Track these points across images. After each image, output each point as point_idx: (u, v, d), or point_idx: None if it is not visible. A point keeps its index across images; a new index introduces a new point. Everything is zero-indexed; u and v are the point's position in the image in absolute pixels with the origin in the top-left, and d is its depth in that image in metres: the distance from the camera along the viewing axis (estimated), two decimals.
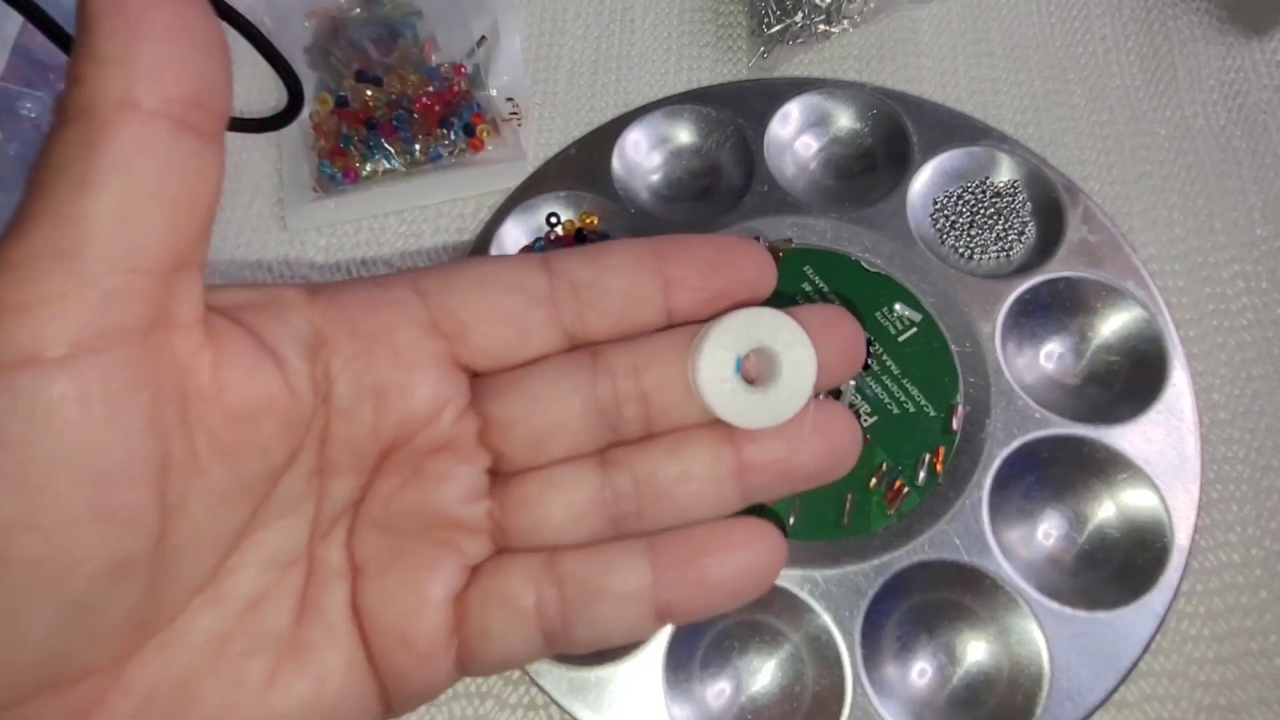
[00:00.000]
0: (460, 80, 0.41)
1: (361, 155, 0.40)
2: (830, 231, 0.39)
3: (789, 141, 0.42)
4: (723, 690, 0.32)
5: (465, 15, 0.42)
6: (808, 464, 0.21)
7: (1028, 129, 0.42)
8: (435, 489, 0.19)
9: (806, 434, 0.20)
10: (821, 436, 0.21)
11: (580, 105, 0.43)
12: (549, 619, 0.19)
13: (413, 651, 0.19)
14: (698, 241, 0.21)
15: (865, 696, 0.31)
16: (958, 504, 0.34)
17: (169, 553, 0.17)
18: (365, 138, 0.40)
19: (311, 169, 0.40)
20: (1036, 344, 0.38)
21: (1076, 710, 0.31)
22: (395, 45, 0.42)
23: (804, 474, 0.21)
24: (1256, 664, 0.33)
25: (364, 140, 0.40)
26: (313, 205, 0.40)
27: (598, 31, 0.45)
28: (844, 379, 0.22)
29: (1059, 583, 0.33)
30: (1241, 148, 0.42)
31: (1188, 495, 0.34)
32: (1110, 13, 0.45)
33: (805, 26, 0.43)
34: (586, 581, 0.19)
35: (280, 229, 0.40)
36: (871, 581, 0.32)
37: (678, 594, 0.19)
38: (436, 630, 0.19)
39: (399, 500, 0.19)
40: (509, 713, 0.33)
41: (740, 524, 0.20)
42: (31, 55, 0.37)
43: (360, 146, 0.40)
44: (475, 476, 0.20)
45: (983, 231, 0.39)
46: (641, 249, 0.21)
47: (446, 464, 0.20)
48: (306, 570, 0.19)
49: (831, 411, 0.21)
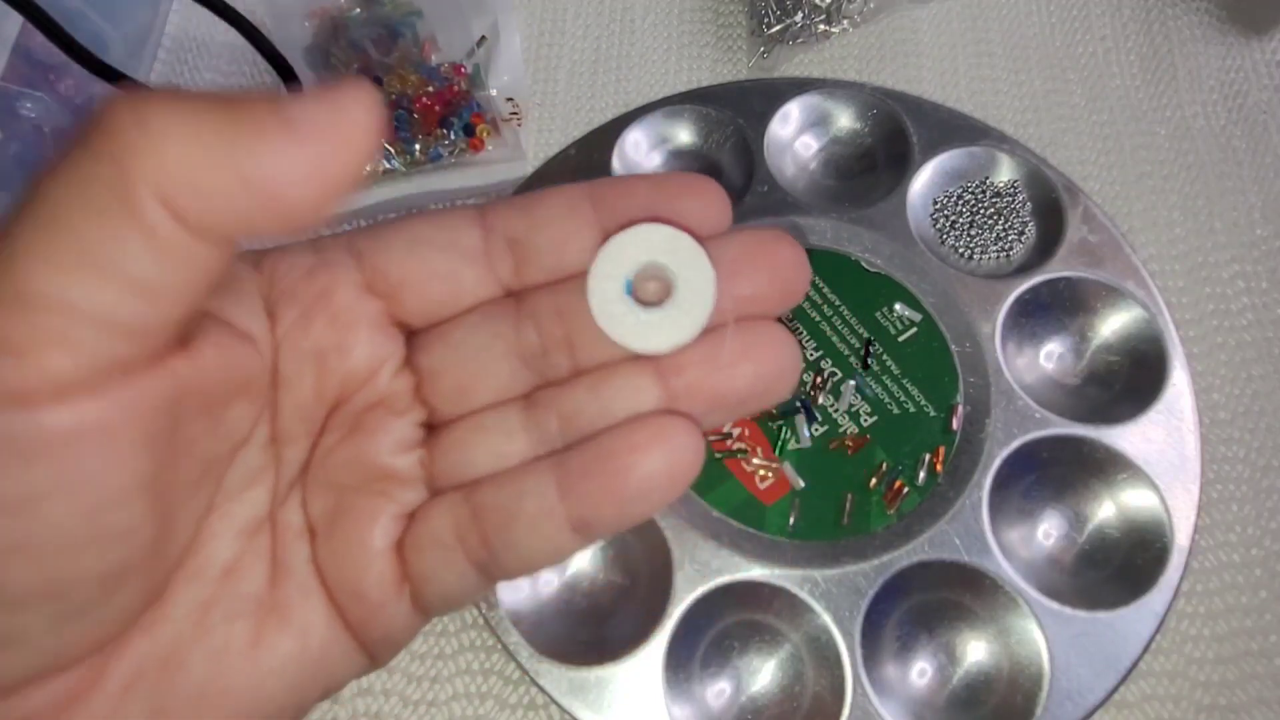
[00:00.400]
0: (460, 80, 0.41)
1: None
2: (830, 231, 0.39)
3: (789, 141, 0.42)
4: (723, 690, 0.32)
5: (465, 15, 0.42)
6: (737, 388, 0.19)
7: (1028, 129, 0.42)
8: (369, 442, 0.20)
9: (728, 356, 0.19)
10: (747, 358, 0.19)
11: (580, 105, 0.43)
12: (474, 550, 0.19)
13: (365, 602, 0.19)
14: (635, 184, 0.20)
15: (865, 696, 0.31)
16: (958, 504, 0.34)
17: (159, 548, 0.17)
18: None
19: None
20: (1036, 344, 0.38)
21: (1076, 710, 0.31)
22: (395, 45, 0.42)
23: (734, 399, 0.20)
24: (1256, 664, 0.33)
25: None
26: None
27: (598, 31, 0.45)
28: (782, 308, 0.20)
29: (1059, 583, 0.33)
30: (1241, 148, 0.42)
31: (1188, 495, 0.34)
32: (1110, 13, 0.45)
33: (805, 26, 0.43)
34: (500, 508, 0.19)
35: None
36: (871, 581, 0.32)
37: (588, 506, 0.19)
38: (384, 579, 0.19)
39: (337, 456, 0.20)
40: (509, 713, 0.33)
41: (646, 422, 0.19)
42: (31, 55, 0.37)
43: None
44: (408, 429, 0.20)
45: (983, 231, 0.39)
46: (576, 196, 0.20)
47: (381, 419, 0.20)
48: (272, 535, 0.20)
49: (758, 331, 0.19)
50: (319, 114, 0.14)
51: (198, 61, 0.44)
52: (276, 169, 0.14)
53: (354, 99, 0.15)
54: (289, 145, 0.14)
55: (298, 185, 0.15)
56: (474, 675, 0.33)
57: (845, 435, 0.35)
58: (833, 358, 0.37)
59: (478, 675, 0.33)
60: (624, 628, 0.33)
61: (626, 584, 0.34)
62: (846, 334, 0.37)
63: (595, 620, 0.33)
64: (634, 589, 0.34)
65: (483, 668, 0.33)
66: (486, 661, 0.33)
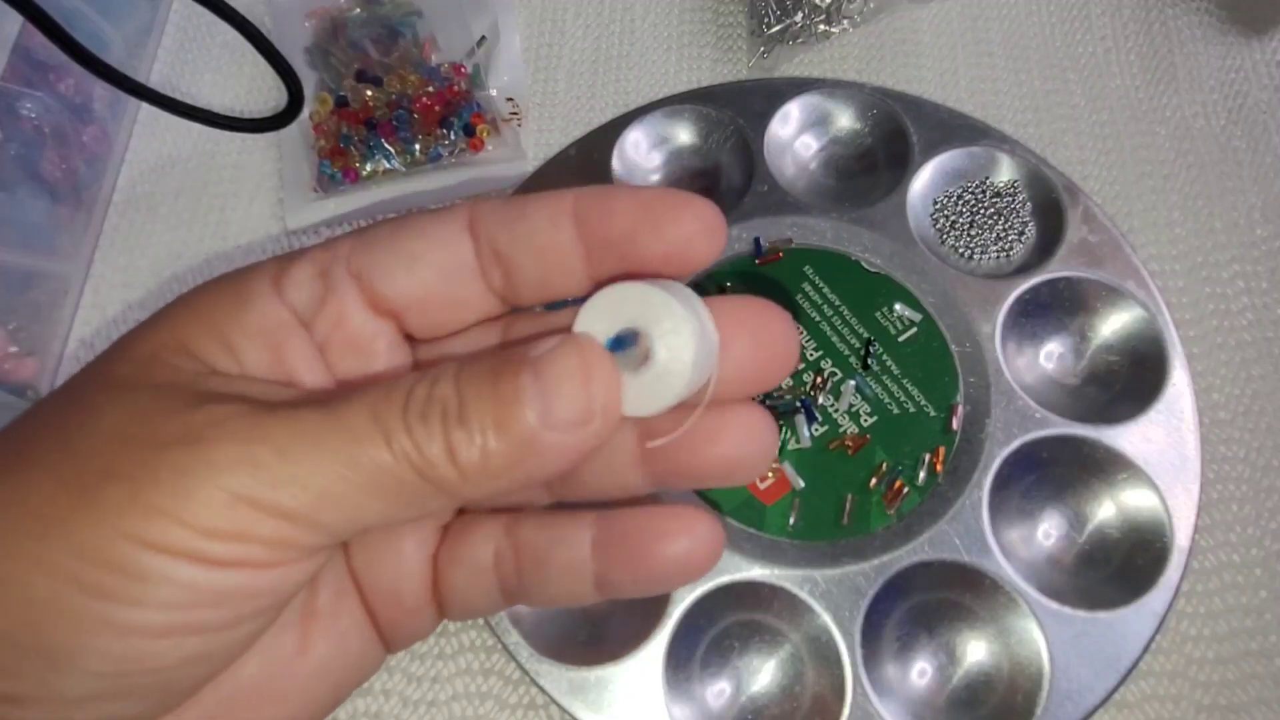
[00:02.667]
0: (460, 80, 0.41)
1: (361, 155, 0.40)
2: (830, 231, 0.39)
3: (789, 141, 0.42)
4: (723, 690, 0.32)
5: (465, 15, 0.42)
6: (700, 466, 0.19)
7: (1028, 129, 0.42)
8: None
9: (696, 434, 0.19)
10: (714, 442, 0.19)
11: (580, 105, 0.43)
12: (507, 578, 0.20)
13: (402, 606, 0.20)
14: (619, 202, 0.19)
15: (865, 696, 0.31)
16: (958, 504, 0.34)
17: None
18: (365, 138, 0.40)
19: (312, 169, 0.40)
20: (1036, 344, 0.38)
21: (1076, 710, 0.31)
22: (395, 45, 0.42)
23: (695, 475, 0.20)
24: (1256, 664, 0.33)
25: (364, 140, 0.40)
26: (313, 205, 0.40)
27: (598, 31, 0.45)
28: (770, 383, 0.20)
29: (1059, 583, 0.33)
30: (1241, 148, 0.42)
31: (1188, 495, 0.34)
32: (1110, 13, 0.45)
33: (805, 26, 0.43)
34: (537, 549, 0.20)
35: (280, 229, 0.40)
36: (871, 581, 0.32)
37: (614, 571, 0.20)
38: (421, 588, 0.21)
39: None
40: (509, 713, 0.33)
41: (676, 512, 0.19)
42: (31, 55, 0.37)
43: (360, 146, 0.40)
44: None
45: (983, 231, 0.39)
46: (560, 210, 0.19)
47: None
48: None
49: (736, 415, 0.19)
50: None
51: (198, 61, 0.44)
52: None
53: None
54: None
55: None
56: (474, 675, 0.33)
57: (845, 435, 0.35)
58: (833, 358, 0.37)
59: (478, 675, 0.33)
60: (624, 628, 0.33)
61: None
62: (846, 334, 0.37)
63: (595, 620, 0.33)
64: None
65: (483, 668, 0.33)
66: (486, 661, 0.33)
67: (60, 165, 0.38)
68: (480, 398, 0.17)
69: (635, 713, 0.31)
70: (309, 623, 0.20)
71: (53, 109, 0.37)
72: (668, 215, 0.18)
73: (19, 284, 0.36)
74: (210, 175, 0.42)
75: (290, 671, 0.19)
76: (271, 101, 0.44)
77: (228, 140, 0.42)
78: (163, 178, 0.42)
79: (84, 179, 0.39)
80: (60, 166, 0.38)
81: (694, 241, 0.19)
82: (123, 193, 0.41)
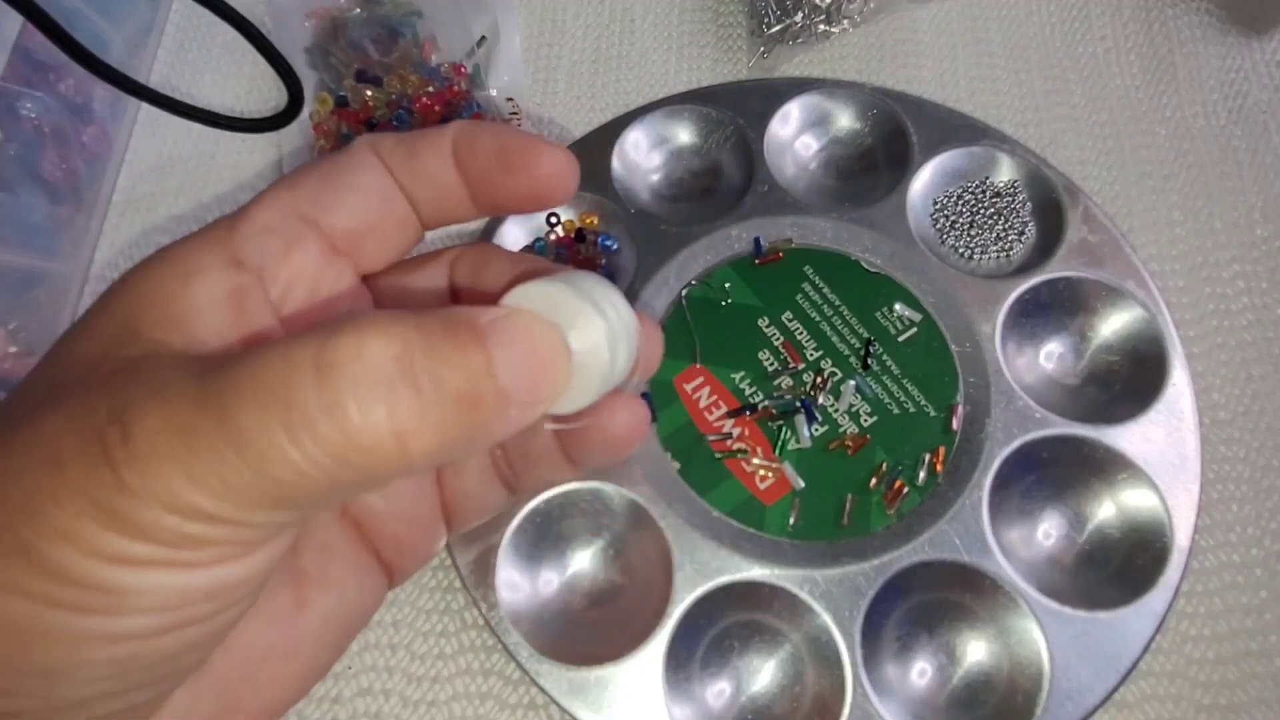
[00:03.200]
0: (460, 80, 0.41)
1: None
2: (830, 231, 0.39)
3: (789, 141, 0.42)
4: (723, 690, 0.32)
5: (465, 15, 0.42)
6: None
7: (1028, 129, 0.42)
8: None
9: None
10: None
11: (580, 105, 0.43)
12: (502, 470, 0.23)
13: (416, 527, 0.22)
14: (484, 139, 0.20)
15: (865, 696, 0.31)
16: (958, 504, 0.34)
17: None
18: None
19: None
20: (1036, 344, 0.38)
21: (1076, 710, 0.31)
22: (395, 45, 0.42)
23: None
24: (1256, 664, 0.33)
25: None
26: None
27: (598, 31, 0.45)
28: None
29: (1059, 583, 0.33)
30: (1241, 148, 0.42)
31: (1188, 495, 0.34)
32: (1110, 13, 0.45)
33: (805, 26, 0.43)
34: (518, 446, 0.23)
35: None
36: (871, 581, 0.32)
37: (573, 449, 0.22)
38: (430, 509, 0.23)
39: None
40: (509, 713, 0.33)
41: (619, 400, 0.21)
42: (31, 55, 0.37)
43: None
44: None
45: (983, 231, 0.39)
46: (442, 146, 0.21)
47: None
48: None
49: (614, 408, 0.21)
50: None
51: (198, 61, 0.44)
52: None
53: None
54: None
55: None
56: (474, 675, 0.33)
57: (845, 435, 0.35)
58: (833, 358, 0.37)
59: (478, 675, 0.33)
60: (624, 628, 0.33)
61: (626, 584, 0.34)
62: (846, 334, 0.37)
63: (595, 620, 0.33)
64: (634, 589, 0.34)
65: (483, 668, 0.33)
66: (486, 661, 0.33)
67: (60, 165, 0.38)
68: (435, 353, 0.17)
69: (635, 713, 0.31)
70: (300, 580, 0.20)
71: (53, 109, 0.37)
72: (522, 160, 0.20)
73: (19, 284, 0.36)
74: (210, 175, 0.42)
75: (293, 628, 0.20)
76: (271, 101, 0.44)
77: (228, 140, 0.42)
78: (163, 178, 0.42)
79: (84, 179, 0.39)
80: (60, 167, 0.38)
81: (549, 183, 0.21)
82: (123, 193, 0.42)
